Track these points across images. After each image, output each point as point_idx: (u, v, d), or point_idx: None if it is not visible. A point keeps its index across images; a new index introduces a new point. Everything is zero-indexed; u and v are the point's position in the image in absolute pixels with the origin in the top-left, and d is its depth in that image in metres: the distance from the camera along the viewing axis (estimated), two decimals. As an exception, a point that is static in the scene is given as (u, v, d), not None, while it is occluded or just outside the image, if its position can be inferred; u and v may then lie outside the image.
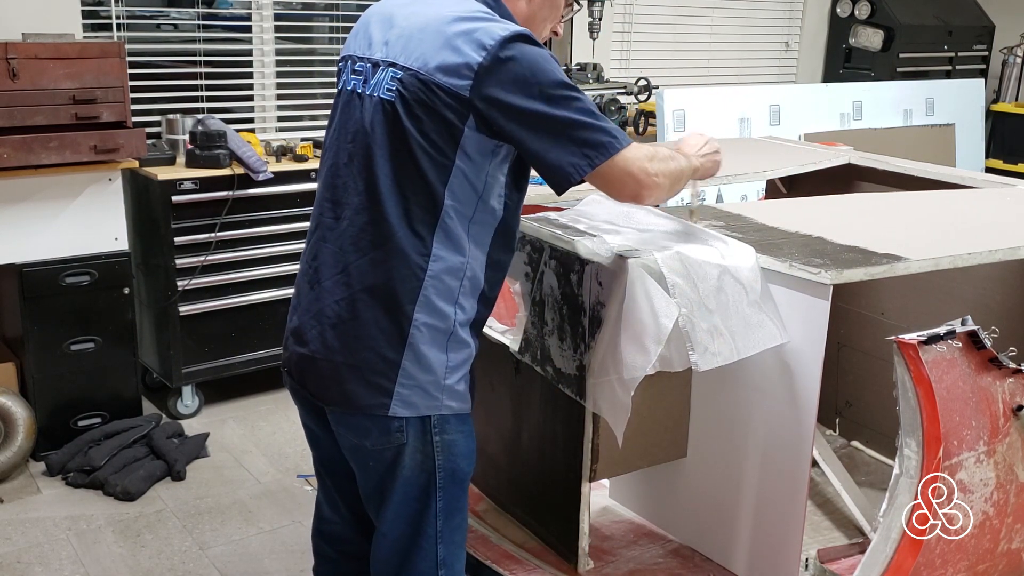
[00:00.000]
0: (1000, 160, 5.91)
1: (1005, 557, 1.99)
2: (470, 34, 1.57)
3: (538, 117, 1.56)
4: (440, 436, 1.67)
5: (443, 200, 1.60)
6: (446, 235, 1.61)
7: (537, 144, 1.58)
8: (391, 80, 1.61)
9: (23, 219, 3.16)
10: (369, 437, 1.66)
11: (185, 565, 2.76)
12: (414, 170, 1.59)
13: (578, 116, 1.58)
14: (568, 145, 1.58)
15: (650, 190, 1.67)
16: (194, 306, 3.58)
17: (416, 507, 1.70)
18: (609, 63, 5.14)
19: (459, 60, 1.56)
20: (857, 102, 5.13)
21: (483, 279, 1.68)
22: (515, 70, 1.55)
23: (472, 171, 1.61)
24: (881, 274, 1.87)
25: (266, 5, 4.19)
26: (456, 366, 1.67)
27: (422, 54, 1.59)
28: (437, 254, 1.61)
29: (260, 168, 3.57)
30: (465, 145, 1.58)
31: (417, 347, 1.62)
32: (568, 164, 1.59)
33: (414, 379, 1.63)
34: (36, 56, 3.01)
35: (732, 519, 2.11)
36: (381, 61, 1.65)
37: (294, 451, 3.46)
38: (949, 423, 1.79)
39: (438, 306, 1.62)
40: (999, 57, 6.18)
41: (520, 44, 1.57)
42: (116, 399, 3.43)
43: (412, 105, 1.58)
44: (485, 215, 1.65)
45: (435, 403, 1.65)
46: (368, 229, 1.62)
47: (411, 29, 1.64)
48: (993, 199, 2.57)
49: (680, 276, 1.82)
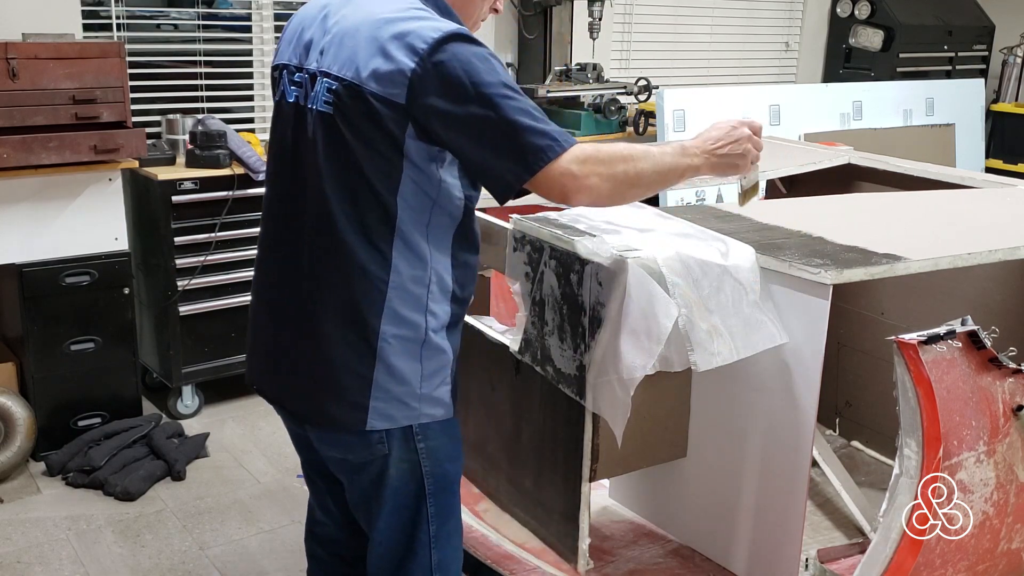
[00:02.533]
0: (1000, 160, 5.91)
1: (1005, 557, 1.99)
2: (402, 38, 1.49)
3: (474, 122, 1.48)
4: (424, 443, 1.65)
5: (396, 209, 1.55)
6: (404, 244, 1.57)
7: (475, 152, 1.52)
8: (327, 92, 1.55)
9: (23, 219, 3.16)
10: (352, 451, 1.65)
11: (185, 565, 2.76)
12: (362, 183, 1.54)
13: (517, 118, 1.49)
14: (507, 151, 1.50)
15: (577, 193, 1.53)
16: (194, 306, 3.58)
17: (407, 515, 1.69)
18: (609, 63, 5.14)
19: (391, 67, 1.48)
20: (857, 102, 5.13)
21: (451, 281, 1.64)
22: (449, 74, 1.47)
23: (421, 177, 1.55)
24: (881, 274, 1.87)
25: (266, 5, 4.19)
26: (432, 373, 1.63)
27: (354, 62, 1.52)
28: (397, 265, 1.57)
29: (260, 168, 3.57)
30: (409, 152, 1.52)
31: (387, 360, 1.58)
32: (508, 172, 1.51)
33: (388, 392, 1.60)
34: (36, 56, 3.01)
35: (732, 519, 2.11)
36: (318, 72, 1.57)
37: (294, 451, 3.43)
38: (949, 423, 1.79)
39: (406, 316, 1.58)
40: (999, 57, 6.18)
41: (454, 45, 1.48)
42: (116, 399, 3.43)
43: (350, 116, 1.52)
44: (442, 218, 1.60)
45: (413, 413, 1.62)
46: (324, 247, 1.58)
47: (341, 34, 1.56)
48: (993, 199, 2.57)
49: (680, 276, 1.82)
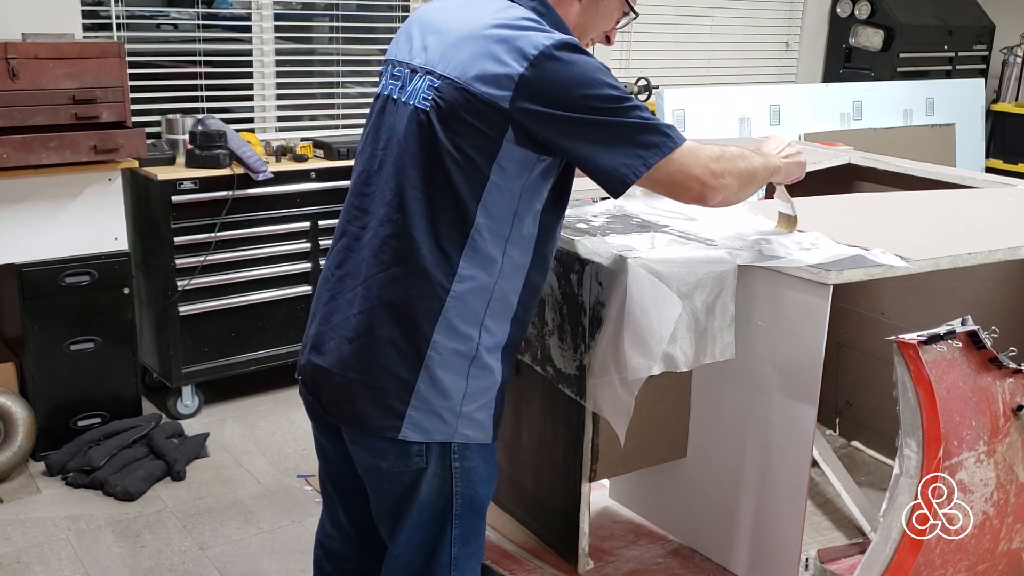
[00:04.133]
0: (1000, 160, 5.91)
1: (1005, 557, 1.99)
2: (511, 42, 1.49)
3: (584, 124, 1.49)
4: (460, 463, 1.60)
5: (474, 217, 1.52)
6: (475, 253, 1.53)
7: (586, 150, 1.51)
8: (428, 89, 1.54)
9: (23, 219, 3.16)
10: (386, 459, 1.59)
11: (185, 565, 2.76)
12: (445, 184, 1.52)
13: (627, 119, 1.51)
14: (619, 147, 1.51)
15: (715, 191, 1.59)
16: (194, 306, 3.58)
17: (431, 532, 1.64)
18: (609, 63, 5.13)
19: (499, 70, 1.48)
20: (857, 102, 5.14)
21: (516, 301, 1.60)
22: (559, 81, 1.48)
23: (508, 186, 1.53)
24: (881, 274, 1.87)
25: (266, 5, 4.19)
26: (476, 393, 1.58)
27: (460, 62, 1.52)
28: (463, 274, 1.53)
29: (260, 168, 3.57)
30: (502, 159, 1.51)
31: (433, 370, 1.54)
32: (622, 166, 1.51)
33: (428, 403, 1.55)
34: (36, 56, 3.00)
35: (732, 519, 2.11)
36: (419, 68, 1.58)
37: (294, 451, 3.46)
38: (949, 423, 1.79)
39: (460, 328, 1.54)
40: (999, 57, 6.18)
41: (565, 53, 1.49)
42: (116, 399, 3.43)
43: (448, 116, 1.51)
44: (521, 234, 1.57)
45: (449, 430, 1.57)
46: (391, 242, 1.55)
47: (451, 35, 1.57)
48: (993, 199, 2.57)
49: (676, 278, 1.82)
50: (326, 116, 4.53)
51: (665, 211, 2.21)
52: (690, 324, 1.84)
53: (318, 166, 3.79)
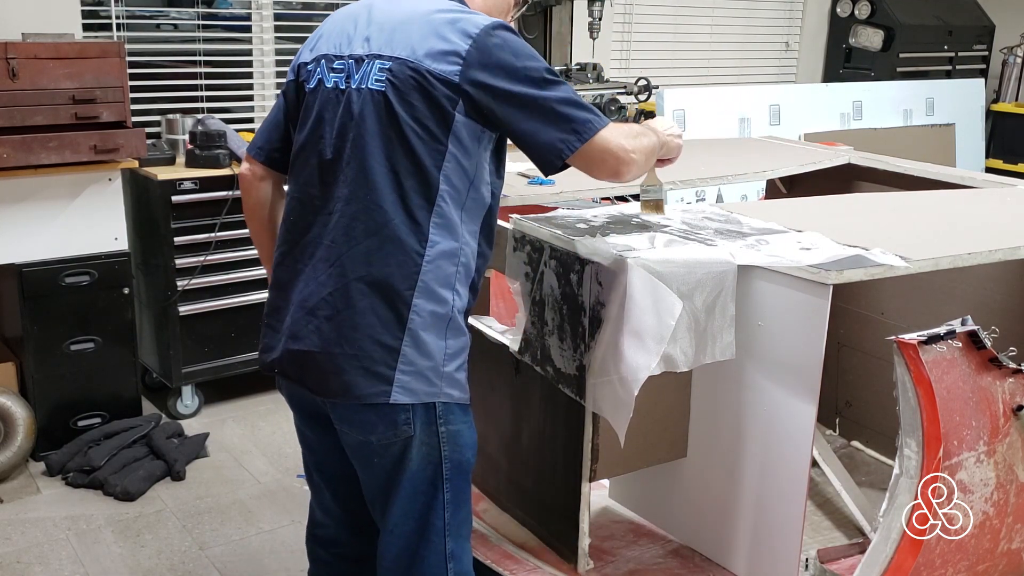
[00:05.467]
0: (1000, 160, 5.91)
1: (1005, 557, 1.99)
2: (454, 23, 1.63)
3: (526, 99, 1.61)
4: (446, 427, 1.67)
5: (439, 184, 1.62)
6: (441, 219, 1.63)
7: (527, 124, 1.63)
8: (379, 71, 1.64)
9: (23, 219, 3.16)
10: (375, 431, 1.65)
11: (185, 565, 2.76)
12: (409, 155, 1.61)
13: (564, 94, 1.63)
14: (556, 123, 1.62)
15: (628, 166, 1.70)
16: (194, 306, 3.58)
17: (423, 500, 1.70)
18: (609, 63, 5.13)
19: (446, 47, 1.61)
20: (857, 102, 5.14)
21: (474, 267, 1.71)
22: (501, 56, 1.61)
23: (464, 157, 1.64)
24: (881, 274, 1.87)
25: (266, 5, 4.19)
26: (454, 353, 1.67)
27: (409, 43, 1.63)
28: (434, 239, 1.63)
29: (260, 168, 3.56)
30: (457, 131, 1.62)
31: (416, 332, 1.62)
32: (558, 141, 1.63)
33: (414, 365, 1.62)
34: (36, 56, 3.01)
35: (732, 519, 2.11)
36: (365, 56, 1.67)
37: (294, 451, 3.46)
38: (949, 423, 1.79)
39: (437, 291, 1.64)
40: (999, 57, 6.18)
41: (502, 32, 1.64)
42: (116, 399, 3.43)
43: (404, 92, 1.61)
44: (475, 202, 1.69)
45: (435, 390, 1.65)
46: (360, 217, 1.63)
47: (392, 23, 1.68)
48: (993, 199, 2.57)
49: (676, 278, 1.82)
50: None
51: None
52: (690, 324, 1.84)
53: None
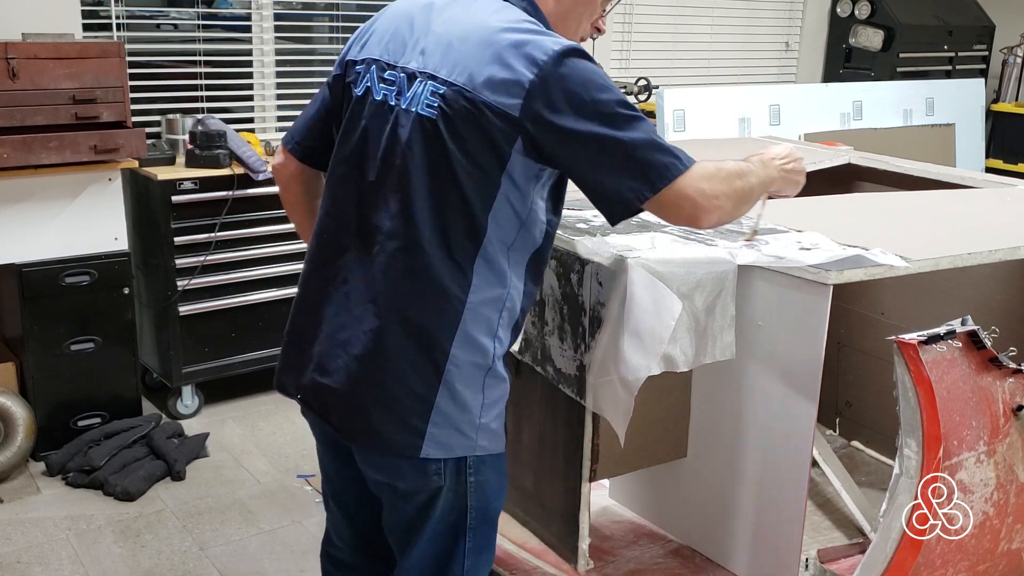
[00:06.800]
0: (1000, 160, 5.90)
1: (1005, 557, 1.99)
2: (520, 47, 1.43)
3: (593, 139, 1.43)
4: (475, 477, 1.56)
5: (486, 227, 1.47)
6: (487, 264, 1.49)
7: (591, 169, 1.46)
8: (431, 95, 1.46)
9: (23, 219, 3.16)
10: (403, 479, 1.54)
11: (185, 565, 2.76)
12: (456, 194, 1.46)
13: (639, 134, 1.44)
14: (627, 168, 1.44)
15: (709, 213, 1.50)
16: (194, 306, 3.58)
17: (444, 545, 1.60)
18: (609, 63, 5.13)
19: (508, 76, 1.42)
20: (857, 102, 5.13)
21: (519, 308, 1.56)
22: (569, 88, 1.42)
23: (516, 197, 1.48)
24: (881, 274, 1.87)
25: (266, 5, 4.19)
26: (492, 403, 1.55)
27: (466, 67, 1.45)
28: (477, 284, 1.48)
29: (260, 168, 3.57)
30: (511, 169, 1.46)
31: (453, 385, 1.49)
32: (627, 189, 1.45)
33: (448, 418, 1.50)
34: (36, 56, 3.00)
35: (732, 519, 2.11)
36: (418, 72, 1.49)
37: (294, 451, 3.46)
38: (949, 423, 1.79)
39: (477, 340, 1.50)
40: (999, 57, 6.18)
41: (574, 60, 1.43)
42: (116, 399, 3.43)
43: (456, 124, 1.44)
44: (525, 242, 1.53)
45: (469, 443, 1.52)
46: (400, 256, 1.48)
47: (450, 37, 1.49)
48: (993, 199, 2.57)
49: (676, 278, 1.82)
50: (326, 116, 4.52)
51: None
52: (690, 324, 1.84)
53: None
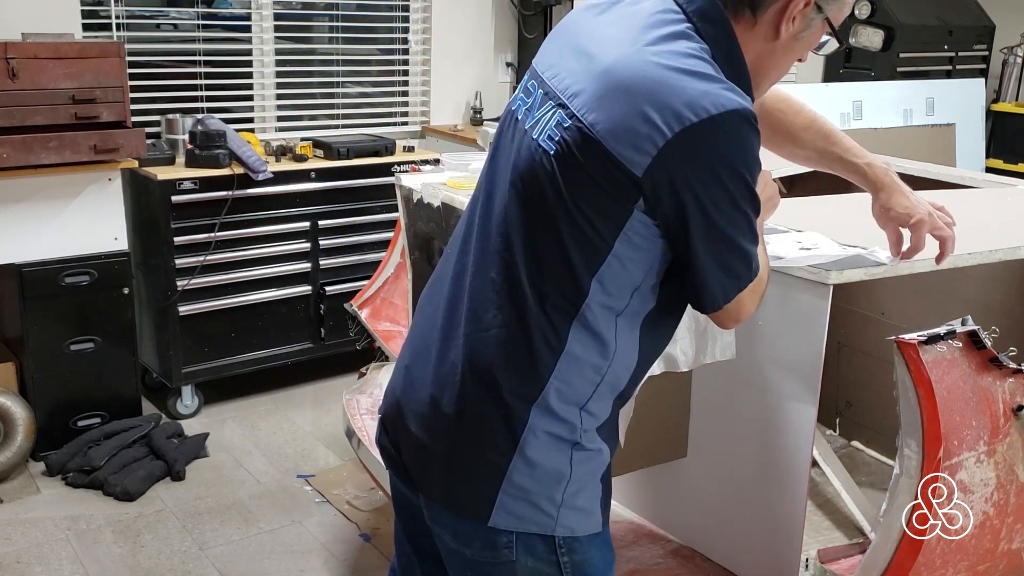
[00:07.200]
0: (1000, 160, 5.90)
1: (1005, 557, 1.99)
2: (664, 96, 1.19)
3: (712, 225, 1.23)
4: (569, 556, 1.34)
5: (588, 291, 1.26)
6: (586, 329, 1.28)
7: (702, 254, 1.25)
8: (556, 126, 1.26)
9: (23, 219, 3.16)
10: (471, 545, 1.35)
11: (185, 565, 2.76)
12: (557, 246, 1.26)
13: (744, 234, 1.27)
14: (724, 264, 1.27)
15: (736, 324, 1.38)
16: (194, 306, 3.58)
17: None
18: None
19: (642, 128, 1.18)
20: (857, 102, 5.13)
21: (627, 378, 1.35)
22: (711, 159, 1.19)
23: (632, 259, 1.26)
24: (881, 274, 1.87)
25: (266, 5, 4.19)
26: (581, 478, 1.33)
27: (601, 103, 1.22)
28: (571, 350, 1.28)
29: (260, 168, 3.57)
30: (630, 229, 1.24)
31: (528, 455, 1.30)
32: (719, 287, 1.29)
33: (523, 489, 1.31)
34: (36, 56, 3.01)
35: (732, 519, 2.11)
36: (553, 93, 1.29)
37: (294, 451, 3.46)
38: (949, 423, 1.79)
39: (559, 412, 1.30)
40: (999, 57, 6.18)
41: (729, 126, 1.18)
42: (116, 399, 3.43)
43: (574, 167, 1.23)
44: (637, 309, 1.31)
45: (548, 522, 1.32)
46: (492, 298, 1.31)
47: (597, 63, 1.26)
48: (993, 199, 2.57)
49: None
50: (326, 116, 4.53)
51: None
52: (690, 324, 1.83)
53: (318, 166, 3.79)
